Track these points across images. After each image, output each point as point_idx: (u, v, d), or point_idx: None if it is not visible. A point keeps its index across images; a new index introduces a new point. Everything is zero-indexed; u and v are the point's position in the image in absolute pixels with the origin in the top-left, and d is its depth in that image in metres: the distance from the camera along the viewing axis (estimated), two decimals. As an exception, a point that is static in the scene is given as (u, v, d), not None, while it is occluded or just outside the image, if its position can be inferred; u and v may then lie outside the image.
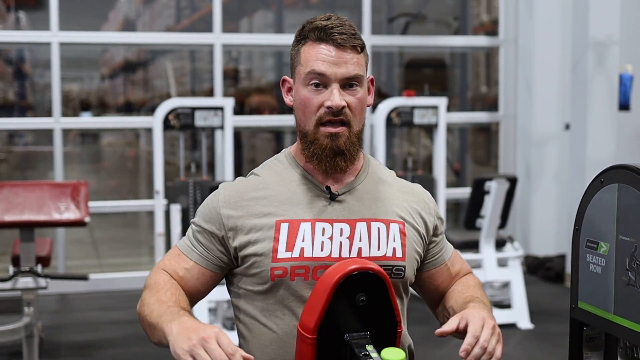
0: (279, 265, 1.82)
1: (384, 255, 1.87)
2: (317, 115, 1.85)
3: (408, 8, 9.72)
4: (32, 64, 9.49)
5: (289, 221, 1.84)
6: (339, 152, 1.85)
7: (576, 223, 1.94)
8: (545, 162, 7.78)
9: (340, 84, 1.84)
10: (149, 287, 1.91)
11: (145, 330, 1.86)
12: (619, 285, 1.78)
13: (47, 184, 5.20)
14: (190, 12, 10.16)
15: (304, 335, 1.71)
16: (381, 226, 1.88)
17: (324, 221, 1.85)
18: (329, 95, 1.83)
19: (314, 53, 1.85)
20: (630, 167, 1.78)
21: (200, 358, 1.59)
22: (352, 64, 1.85)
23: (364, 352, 1.69)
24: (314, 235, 1.83)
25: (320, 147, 1.85)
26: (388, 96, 8.32)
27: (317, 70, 1.83)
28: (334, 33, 1.84)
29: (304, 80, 1.85)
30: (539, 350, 5.61)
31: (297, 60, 1.89)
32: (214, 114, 6.38)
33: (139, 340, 5.73)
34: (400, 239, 1.90)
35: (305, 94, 1.85)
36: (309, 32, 1.87)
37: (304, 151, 1.89)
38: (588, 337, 1.96)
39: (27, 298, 4.87)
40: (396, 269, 1.89)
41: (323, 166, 1.87)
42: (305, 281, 1.82)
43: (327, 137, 1.85)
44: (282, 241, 1.82)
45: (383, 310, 1.75)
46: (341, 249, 1.84)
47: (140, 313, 1.86)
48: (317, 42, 1.85)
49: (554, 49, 7.71)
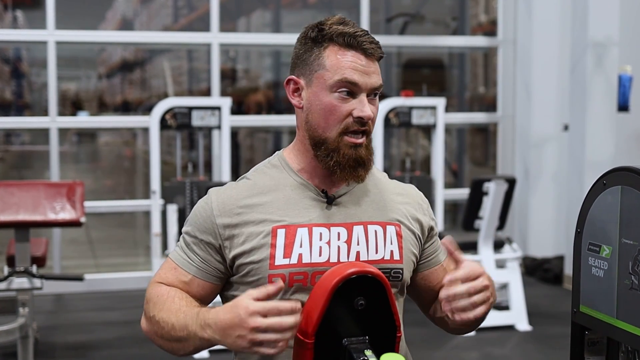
0: (277, 273, 1.78)
1: (382, 258, 1.85)
2: (344, 124, 1.80)
3: (406, 8, 9.70)
4: (29, 63, 9.47)
5: (286, 227, 1.80)
6: (361, 163, 1.82)
7: (578, 226, 1.92)
8: (543, 163, 7.76)
9: (367, 94, 1.81)
10: (151, 302, 1.83)
11: (167, 348, 1.80)
12: (622, 289, 1.76)
13: (42, 183, 5.17)
14: (187, 11, 10.15)
15: (302, 339, 1.68)
16: (378, 229, 1.86)
17: (321, 226, 1.82)
18: (358, 104, 1.79)
19: (345, 60, 1.79)
20: (634, 169, 1.75)
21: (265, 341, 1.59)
22: (377, 74, 1.83)
23: (362, 357, 1.66)
24: (311, 240, 1.80)
25: (344, 157, 1.81)
26: (386, 96, 8.30)
27: (349, 79, 1.78)
28: (364, 42, 1.81)
29: (331, 86, 1.79)
30: (537, 352, 5.59)
31: (317, 63, 1.82)
32: (211, 113, 6.36)
33: (134, 341, 5.71)
34: (397, 242, 1.87)
35: (332, 100, 1.80)
36: (336, 37, 1.81)
37: (322, 159, 1.83)
38: (590, 341, 1.94)
39: (22, 298, 4.84)
40: (394, 272, 1.87)
41: (346, 176, 1.82)
42: (304, 287, 1.79)
43: (350, 147, 1.81)
44: (280, 247, 1.79)
45: (382, 314, 1.72)
46: (339, 253, 1.81)
47: (155, 332, 1.80)
48: (346, 48, 1.80)
49: (553, 50, 7.69)
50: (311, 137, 1.84)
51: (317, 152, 1.83)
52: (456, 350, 5.61)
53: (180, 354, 1.80)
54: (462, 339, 5.74)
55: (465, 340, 5.73)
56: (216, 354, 5.34)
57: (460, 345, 5.67)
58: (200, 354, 5.32)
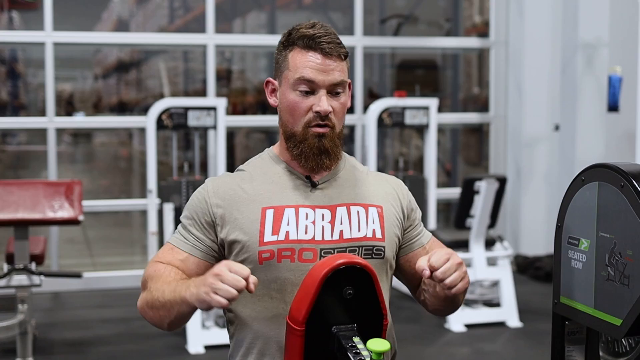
0: (266, 249, 1.92)
1: (365, 236, 1.98)
2: (306, 118, 1.98)
3: (400, 9, 9.77)
4: (25, 63, 9.50)
5: (274, 207, 1.95)
6: (324, 151, 1.98)
7: (558, 220, 1.99)
8: (535, 163, 7.84)
9: (327, 90, 1.97)
10: (149, 278, 1.97)
11: (155, 318, 1.92)
12: (599, 281, 1.82)
13: (41, 182, 5.23)
14: (183, 12, 10.19)
15: (293, 327, 1.77)
16: (360, 210, 2.00)
17: (306, 207, 1.97)
18: (317, 100, 1.96)
19: (302, 60, 1.96)
20: (610, 165, 1.83)
21: (220, 288, 1.72)
22: (338, 71, 1.98)
23: (350, 343, 1.74)
24: (297, 219, 1.95)
25: (309, 146, 1.98)
26: (380, 97, 8.37)
27: (306, 77, 1.95)
28: (322, 42, 1.96)
29: (293, 85, 1.98)
30: (527, 348, 5.68)
31: (284, 65, 2.01)
32: (207, 114, 6.41)
33: (131, 337, 5.78)
34: (379, 222, 2.01)
35: (294, 98, 1.98)
36: (297, 40, 1.98)
37: (290, 150, 2.01)
38: (570, 331, 2.00)
39: (22, 295, 4.91)
40: (376, 249, 1.99)
41: (310, 164, 1.99)
42: (292, 263, 1.92)
43: (315, 137, 1.98)
44: (268, 226, 1.93)
45: (369, 303, 1.80)
46: (324, 232, 1.95)
47: (148, 300, 1.93)
48: (306, 49, 1.97)
49: (544, 51, 7.77)
50: (284, 132, 2.03)
51: (288, 145, 2.01)
52: (447, 346, 5.69)
53: (165, 324, 1.92)
54: (453, 335, 5.83)
55: (457, 336, 5.82)
56: (212, 350, 5.42)
57: (452, 341, 5.75)
58: (197, 350, 5.40)
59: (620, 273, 1.75)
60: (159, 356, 5.43)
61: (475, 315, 6.09)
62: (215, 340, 5.47)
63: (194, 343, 5.46)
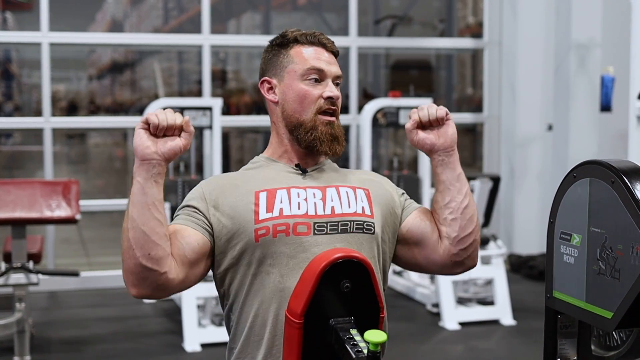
0: (261, 226, 1.98)
1: (355, 212, 2.06)
2: (317, 105, 2.09)
3: (394, 10, 9.82)
4: (19, 64, 9.51)
5: (267, 190, 2.04)
6: (335, 138, 2.12)
7: (551, 216, 2.03)
8: (528, 162, 7.89)
9: (332, 81, 2.12)
10: None
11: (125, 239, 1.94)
12: (591, 275, 1.86)
13: (38, 181, 5.26)
14: (178, 13, 10.22)
15: (292, 319, 1.81)
16: (349, 190, 2.10)
17: (298, 188, 2.06)
18: (326, 88, 2.10)
19: (309, 52, 2.11)
20: (601, 162, 1.87)
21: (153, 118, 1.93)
22: (337, 66, 2.14)
23: (348, 335, 1.78)
24: (290, 198, 2.03)
25: (322, 133, 2.09)
26: (374, 97, 8.41)
27: (316, 67, 2.09)
28: (321, 38, 2.14)
29: (302, 75, 2.09)
30: (521, 345, 5.72)
31: (286, 60, 2.12)
32: (203, 114, 6.44)
33: (127, 336, 5.81)
34: (367, 201, 2.10)
35: (304, 87, 2.09)
36: (299, 37, 2.13)
37: (301, 138, 2.09)
38: (562, 325, 2.04)
39: (19, 294, 4.94)
40: (367, 224, 2.06)
41: (325, 148, 2.09)
42: (287, 237, 1.98)
43: (325, 124, 2.10)
44: (262, 206, 2.01)
45: (366, 296, 1.84)
46: (316, 208, 2.03)
47: (123, 229, 1.98)
48: (308, 44, 2.12)
49: (537, 51, 7.82)
50: (288, 124, 2.11)
51: (295, 135, 2.11)
52: (442, 343, 5.73)
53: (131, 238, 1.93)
54: (448, 333, 5.87)
55: (451, 334, 5.86)
56: (208, 348, 5.45)
57: (446, 339, 5.79)
58: (193, 348, 5.43)
59: (611, 267, 1.78)
60: (156, 354, 5.46)
61: (469, 313, 6.13)
62: (212, 339, 5.50)
63: (191, 341, 5.49)
